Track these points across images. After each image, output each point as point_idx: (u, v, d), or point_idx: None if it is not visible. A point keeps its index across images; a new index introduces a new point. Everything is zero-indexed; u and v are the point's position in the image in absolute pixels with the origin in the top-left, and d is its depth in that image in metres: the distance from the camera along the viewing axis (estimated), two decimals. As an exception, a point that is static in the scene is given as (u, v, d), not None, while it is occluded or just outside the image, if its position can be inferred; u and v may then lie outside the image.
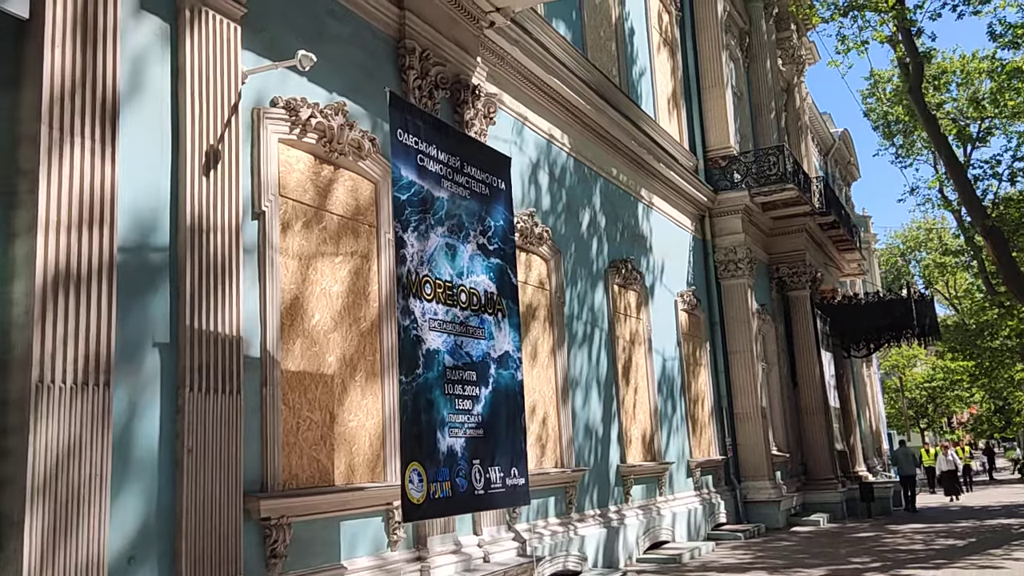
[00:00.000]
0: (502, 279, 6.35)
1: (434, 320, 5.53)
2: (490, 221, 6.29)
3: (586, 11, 11.35)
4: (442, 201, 5.73)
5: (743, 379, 14.61)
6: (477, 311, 6.00)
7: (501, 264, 6.35)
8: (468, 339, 5.85)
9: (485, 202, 6.25)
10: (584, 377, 9.83)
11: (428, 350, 5.42)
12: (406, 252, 5.28)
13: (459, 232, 5.90)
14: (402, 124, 5.37)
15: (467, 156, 6.09)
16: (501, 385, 6.16)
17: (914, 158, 32.24)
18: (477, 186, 6.18)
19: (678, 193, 13.62)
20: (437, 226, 5.64)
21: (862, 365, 29.97)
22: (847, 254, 20.46)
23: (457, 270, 5.87)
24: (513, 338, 6.36)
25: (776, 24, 20.12)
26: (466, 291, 5.92)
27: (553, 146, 9.80)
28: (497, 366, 6.13)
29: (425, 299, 5.44)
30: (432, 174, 5.65)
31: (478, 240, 6.10)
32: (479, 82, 7.64)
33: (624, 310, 11.30)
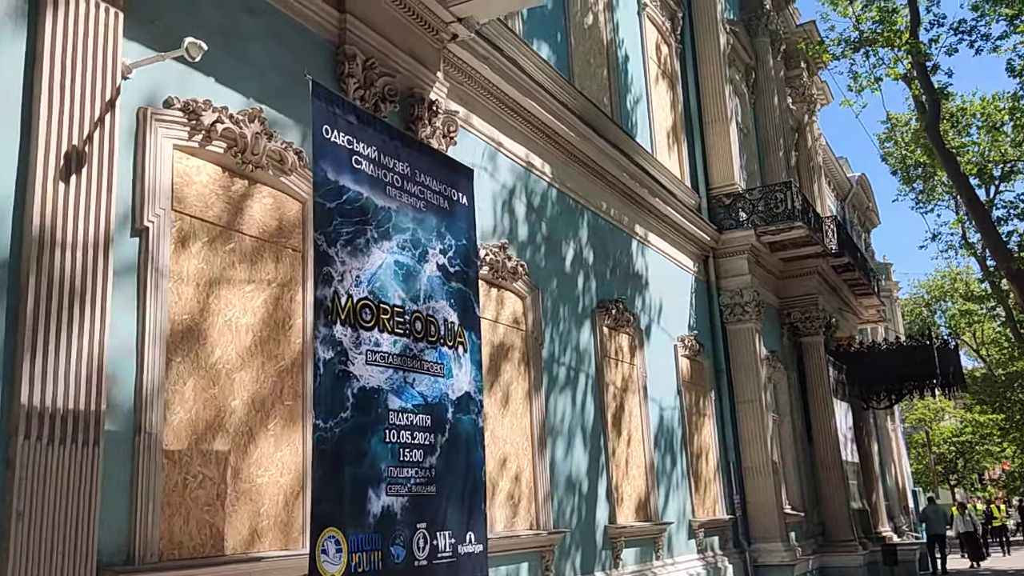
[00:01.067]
0: (464, 307, 5.50)
1: (376, 352, 4.66)
2: (451, 239, 5.46)
3: (573, 35, 10.70)
4: (388, 212, 4.91)
5: (752, 431, 13.56)
6: (435, 343, 5.13)
7: (463, 290, 5.50)
8: (423, 376, 4.96)
9: (445, 217, 5.44)
10: (566, 425, 8.91)
11: (363, 388, 4.53)
12: (332, 270, 4.44)
13: (414, 249, 5.07)
14: (329, 120, 4.59)
15: (419, 163, 5.29)
16: (460, 432, 5.24)
17: (935, 203, 31.30)
18: (435, 198, 5.37)
19: (678, 231, 12.79)
20: (382, 240, 4.80)
21: (886, 418, 28.62)
22: (864, 299, 19.44)
23: (412, 293, 5.02)
24: (474, 377, 5.47)
25: (785, 62, 19.48)
26: (422, 318, 5.06)
27: (532, 174, 9.05)
28: (455, 409, 5.23)
29: (363, 326, 4.58)
30: (373, 179, 4.84)
31: (437, 260, 5.26)
32: (438, 98, 6.92)
33: (615, 354, 10.40)
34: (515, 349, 8.24)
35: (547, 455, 8.38)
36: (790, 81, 19.75)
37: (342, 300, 4.43)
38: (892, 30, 16.72)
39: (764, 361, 14.09)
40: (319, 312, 4.31)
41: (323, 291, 4.34)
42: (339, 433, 4.34)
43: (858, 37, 17.30)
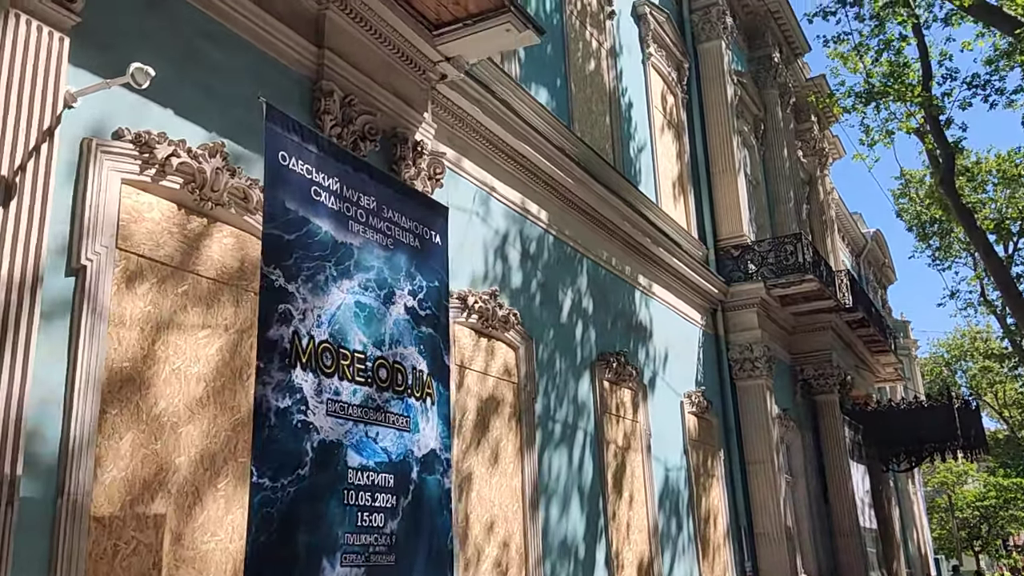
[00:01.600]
0: (434, 354, 5.07)
1: (336, 402, 4.24)
2: (421, 280, 5.06)
3: (573, 81, 10.47)
4: (350, 248, 4.53)
5: (764, 494, 12.92)
6: (402, 393, 4.69)
7: (434, 336, 5.09)
8: (387, 429, 4.52)
9: (415, 256, 5.05)
10: (562, 485, 8.39)
11: (324, 442, 4.10)
12: (293, 308, 4.05)
13: (379, 289, 4.68)
14: (286, 147, 4.25)
15: (388, 198, 4.93)
16: (425, 495, 4.77)
17: (952, 260, 30.79)
18: (404, 235, 5.00)
19: (684, 283, 12.37)
20: (342, 279, 4.42)
21: (907, 481, 27.65)
22: (881, 356, 18.83)
23: (375, 337, 4.61)
24: (441, 432, 5.01)
25: (795, 115, 19.27)
26: (388, 365, 4.64)
27: (527, 220, 8.71)
28: (421, 469, 4.77)
29: (323, 372, 4.17)
30: (334, 213, 4.48)
31: (406, 302, 4.86)
32: (424, 139, 6.62)
33: (616, 409, 9.91)
34: (506, 403, 7.79)
35: (540, 518, 7.86)
36: (800, 134, 19.51)
37: (303, 341, 4.04)
38: (903, 84, 16.47)
39: (776, 419, 13.51)
40: (271, 354, 3.90)
41: (279, 331, 3.94)
42: (293, 493, 3.89)
43: (869, 91, 17.06)
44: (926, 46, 16.20)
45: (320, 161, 4.43)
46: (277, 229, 4.07)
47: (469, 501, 7.01)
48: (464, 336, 7.36)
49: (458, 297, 7.24)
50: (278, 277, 3.99)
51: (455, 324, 7.20)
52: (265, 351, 3.88)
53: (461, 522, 6.83)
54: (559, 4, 10.41)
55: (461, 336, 7.32)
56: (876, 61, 17.05)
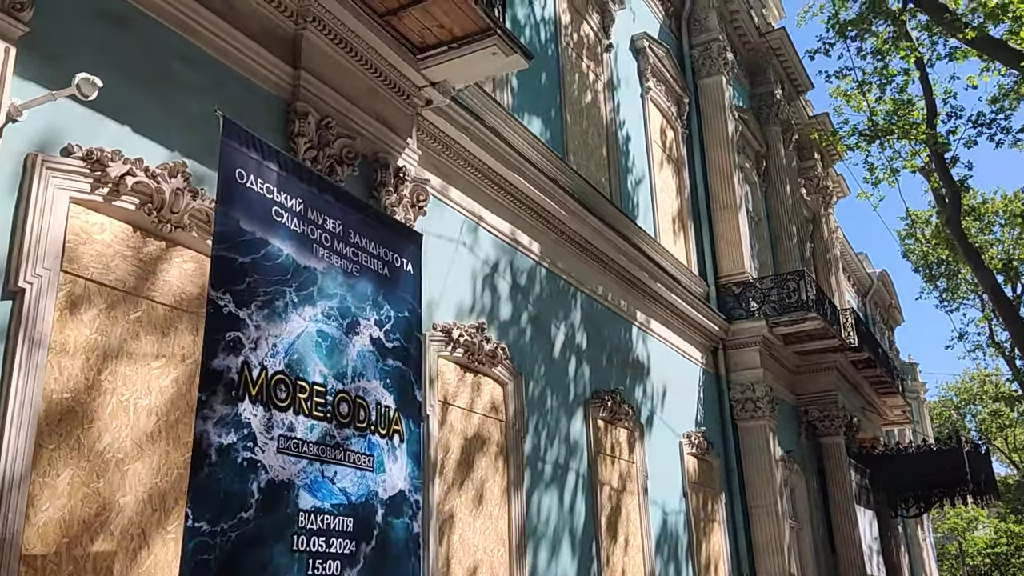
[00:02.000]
0: (403, 389, 4.77)
1: (289, 438, 3.94)
2: (390, 310, 4.78)
3: (569, 112, 10.29)
4: (313, 273, 4.26)
5: (767, 539, 12.44)
6: (364, 430, 4.38)
7: (403, 369, 4.79)
8: (347, 469, 4.20)
9: (383, 284, 4.78)
10: (551, 529, 8.00)
11: (272, 483, 3.79)
12: (243, 336, 3.77)
13: (342, 318, 4.39)
14: (244, 164, 4.01)
15: (355, 222, 4.67)
16: (391, 540, 4.42)
17: (959, 302, 30.42)
18: (371, 262, 4.73)
19: (683, 320, 12.06)
20: (304, 305, 4.14)
21: (916, 527, 26.95)
22: (888, 398, 18.39)
23: (337, 369, 4.32)
24: (411, 472, 4.68)
25: (798, 153, 19.09)
26: (349, 400, 4.34)
27: (518, 252, 8.44)
28: (387, 511, 4.43)
29: (276, 406, 3.87)
30: (297, 235, 4.21)
31: (371, 332, 4.57)
32: (406, 165, 6.39)
33: (611, 449, 9.54)
34: (492, 441, 7.44)
35: (527, 563, 7.46)
36: (804, 172, 19.31)
37: (254, 372, 3.74)
38: (908, 122, 16.29)
39: (780, 462, 13.08)
40: (215, 386, 3.60)
41: (226, 360, 3.65)
42: (235, 538, 3.56)
43: (873, 128, 16.87)
44: (930, 84, 16.06)
45: (282, 181, 4.18)
46: (230, 251, 3.81)
47: (451, 544, 6.64)
48: (448, 371, 7.05)
49: (442, 330, 6.96)
50: (227, 302, 3.71)
51: (439, 358, 6.90)
52: (208, 383, 3.58)
53: (441, 567, 6.45)
54: (554, 35, 10.27)
55: (445, 371, 7.02)
56: (880, 99, 16.91)
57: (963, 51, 13.65)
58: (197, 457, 3.48)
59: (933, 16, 11.81)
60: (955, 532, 39.37)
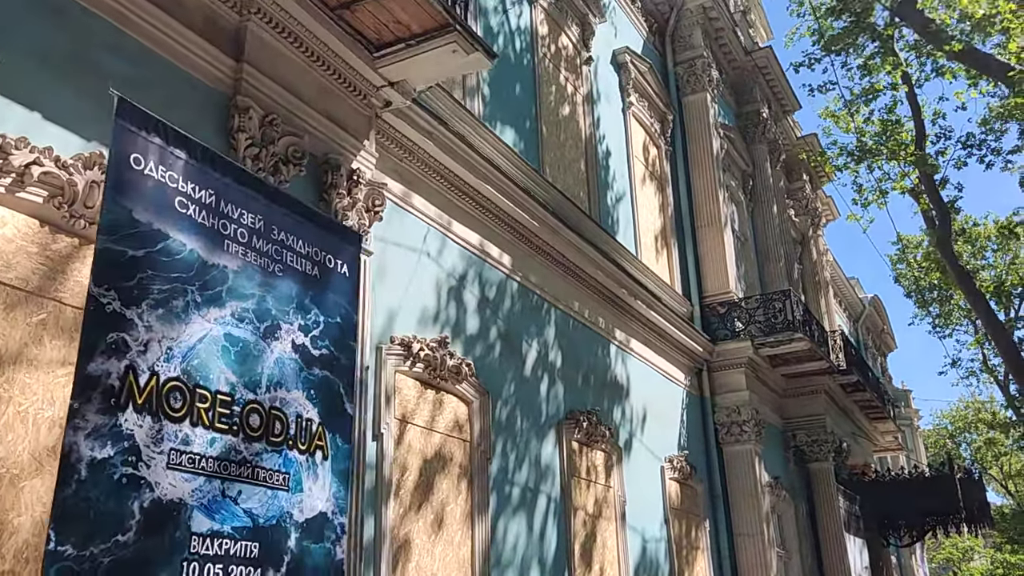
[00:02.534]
0: (330, 402, 4.39)
1: (183, 453, 3.56)
2: (317, 315, 4.41)
3: (545, 124, 10.01)
4: (224, 271, 3.90)
5: (753, 568, 11.99)
6: (279, 444, 4.00)
7: (331, 380, 4.41)
8: (255, 488, 3.82)
9: (312, 287, 4.41)
10: (519, 556, 7.57)
11: (158, 502, 3.41)
12: (129, 338, 3.40)
13: (259, 322, 4.03)
14: (141, 148, 3.66)
15: (279, 218, 4.32)
16: (307, 567, 4.03)
17: (952, 328, 30.11)
18: (298, 261, 4.36)
19: (666, 340, 11.70)
20: (209, 307, 3.77)
21: (910, 557, 26.42)
22: (879, 424, 17.99)
23: (249, 377, 3.94)
24: (336, 492, 4.28)
25: (786, 174, 18.87)
26: (262, 411, 3.96)
27: (487, 264, 8.10)
28: (302, 535, 4.03)
29: (169, 417, 3.50)
30: (205, 229, 3.86)
31: (294, 338, 4.20)
32: (361, 167, 6.06)
33: (586, 473, 9.13)
34: (455, 463, 7.04)
35: (491, 593, 7.03)
36: (792, 193, 19.08)
37: (142, 379, 3.37)
38: (897, 143, 16.07)
39: (767, 488, 12.67)
40: (91, 393, 3.23)
41: (106, 364, 3.28)
42: (107, 564, 3.15)
43: (861, 149, 16.64)
44: (919, 105, 15.87)
45: (190, 170, 3.84)
46: (118, 243, 3.45)
47: (406, 572, 6.22)
48: (407, 387, 6.68)
49: (401, 343, 6.59)
50: (111, 300, 3.35)
51: (396, 373, 6.53)
52: (82, 389, 3.21)
53: (394, 597, 6.03)
54: (530, 45, 10.02)
55: (403, 387, 6.64)
56: (868, 119, 16.71)
57: (951, 70, 13.46)
58: (63, 472, 3.10)
59: (918, 30, 11.60)
60: (951, 563, 38.77)
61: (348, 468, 4.46)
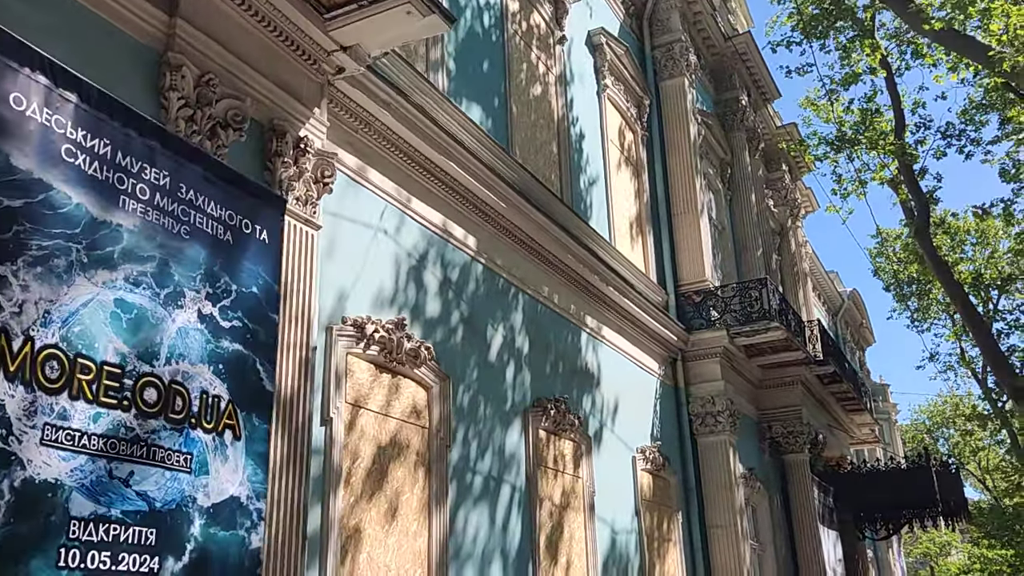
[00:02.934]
0: (243, 378, 4.04)
1: (61, 428, 3.18)
2: (228, 282, 4.05)
3: (515, 103, 9.69)
4: (118, 231, 3.54)
5: (726, 561, 11.77)
6: (180, 423, 3.65)
7: (243, 354, 4.06)
8: (150, 469, 3.46)
9: (223, 253, 4.06)
10: (480, 548, 7.28)
11: (29, 482, 3.03)
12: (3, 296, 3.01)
13: (158, 288, 3.66)
14: (23, 88, 3.31)
15: (190, 175, 3.96)
16: (213, 556, 3.66)
17: (931, 322, 30.10)
18: (209, 224, 4.01)
19: (639, 328, 11.43)
20: (98, 268, 3.41)
21: (887, 551, 26.40)
22: (856, 416, 17.85)
23: (144, 348, 3.57)
24: (252, 476, 3.94)
25: (766, 163, 18.68)
26: (160, 386, 3.60)
27: (449, 245, 7.78)
28: (209, 521, 3.68)
29: (44, 388, 3.13)
30: (97, 182, 3.48)
31: (201, 307, 3.85)
32: (310, 136, 5.73)
33: (554, 463, 8.84)
34: (411, 450, 6.73)
35: (449, 586, 6.73)
36: (772, 183, 18.89)
37: (15, 343, 3.01)
38: (876, 132, 15.90)
39: (741, 480, 12.44)
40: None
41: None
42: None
43: (840, 139, 16.45)
44: (898, 94, 15.71)
45: (82, 115, 3.48)
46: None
47: (356, 564, 5.91)
48: (360, 370, 6.35)
49: (353, 324, 6.27)
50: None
51: (348, 355, 6.21)
52: None
53: (343, 590, 5.72)
54: (499, 21, 9.70)
55: (356, 370, 6.32)
56: (848, 108, 16.52)
57: (931, 55, 13.26)
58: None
59: (898, 9, 11.37)
60: (928, 557, 38.91)
61: (267, 450, 4.12)
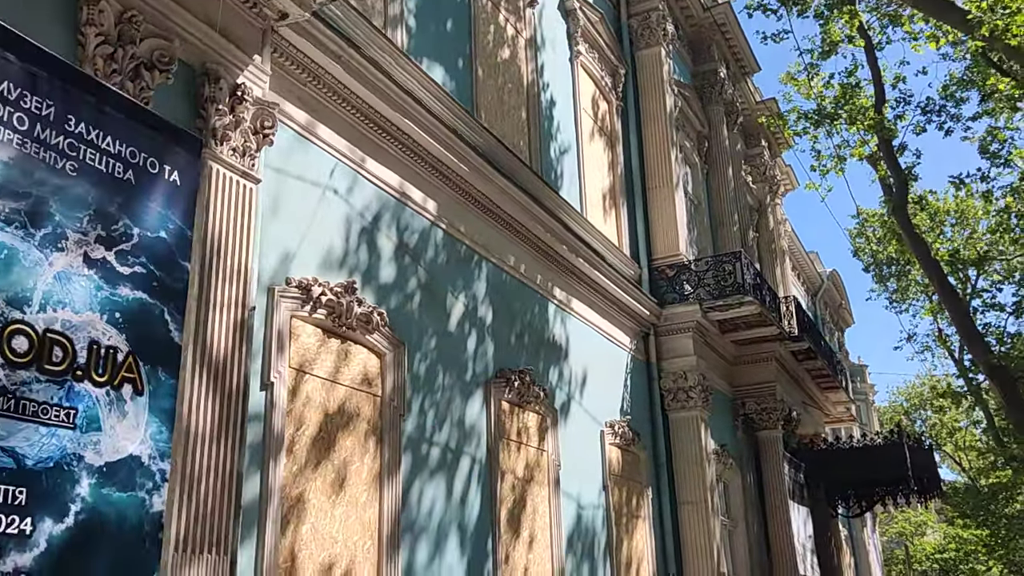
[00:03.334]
0: (147, 329, 3.74)
1: None
2: (129, 225, 3.73)
3: (480, 66, 9.37)
4: None
5: (696, 538, 11.62)
6: (61, 375, 3.36)
7: (148, 303, 3.76)
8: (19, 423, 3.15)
9: (121, 193, 3.74)
10: (435, 521, 7.04)
11: None
12: None
13: (34, 227, 3.35)
14: None
15: (81, 107, 3.64)
16: (107, 520, 3.38)
17: (909, 303, 30.11)
18: (102, 160, 3.69)
19: (610, 302, 11.18)
20: None
21: (861, 529, 26.50)
22: (831, 394, 17.74)
23: (11, 292, 3.27)
24: (156, 434, 3.65)
25: (745, 139, 18.43)
26: (32, 334, 3.29)
27: (408, 208, 7.48)
28: (101, 481, 3.38)
29: None
30: None
31: (89, 250, 3.54)
32: (248, 84, 5.40)
33: (517, 435, 8.61)
34: (362, 418, 6.46)
35: (401, 559, 6.49)
36: (750, 159, 18.65)
37: None
38: (855, 106, 15.68)
39: (713, 455, 12.28)
40: None
41: None
42: None
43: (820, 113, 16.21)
44: (879, 68, 15.49)
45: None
46: None
47: (298, 535, 5.65)
48: (305, 334, 6.06)
49: (298, 285, 5.98)
50: None
51: (292, 318, 5.92)
52: None
53: (284, 560, 5.46)
54: (465, -22, 9.36)
55: (301, 333, 6.03)
56: (828, 84, 16.28)
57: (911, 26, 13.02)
58: None
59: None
60: (903, 537, 39.17)
61: (174, 406, 3.83)
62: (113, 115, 3.84)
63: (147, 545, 3.49)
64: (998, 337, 16.77)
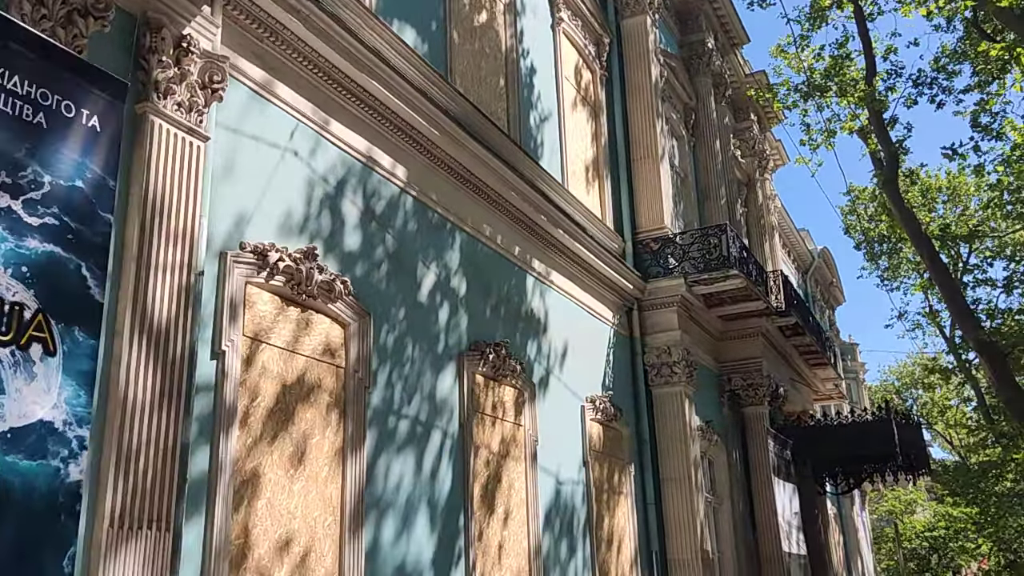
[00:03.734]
0: (60, 285, 3.47)
1: None
2: (39, 172, 3.46)
3: (456, 30, 9.05)
4: None
5: (680, 515, 11.44)
6: None
7: (62, 257, 3.49)
8: None
9: (29, 137, 3.46)
10: (403, 497, 6.81)
11: None
12: None
13: None
14: None
15: None
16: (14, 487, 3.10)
17: (900, 281, 29.96)
18: (6, 101, 3.41)
19: (592, 275, 10.94)
20: None
21: (850, 507, 26.47)
22: (819, 370, 17.57)
23: None
24: (72, 398, 3.40)
25: (734, 113, 18.13)
26: None
27: (375, 173, 7.20)
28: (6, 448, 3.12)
29: None
30: None
31: None
32: (195, 35, 5.10)
33: (492, 409, 8.38)
34: (323, 390, 6.21)
35: (365, 536, 6.27)
36: (739, 133, 18.36)
37: None
38: (846, 79, 15.39)
39: (697, 432, 12.09)
40: None
41: None
42: None
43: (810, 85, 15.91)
44: (870, 40, 15.19)
45: None
46: None
47: (253, 511, 5.42)
48: (261, 301, 5.80)
49: (253, 250, 5.70)
50: None
51: (247, 284, 5.65)
52: None
53: (236, 537, 5.23)
54: (439, -63, 9.01)
55: (257, 301, 5.77)
56: (819, 56, 15.97)
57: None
58: None
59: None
60: (892, 515, 39.25)
61: (94, 369, 3.58)
62: (22, 52, 3.55)
63: (62, 518, 3.25)
64: (988, 313, 16.57)
